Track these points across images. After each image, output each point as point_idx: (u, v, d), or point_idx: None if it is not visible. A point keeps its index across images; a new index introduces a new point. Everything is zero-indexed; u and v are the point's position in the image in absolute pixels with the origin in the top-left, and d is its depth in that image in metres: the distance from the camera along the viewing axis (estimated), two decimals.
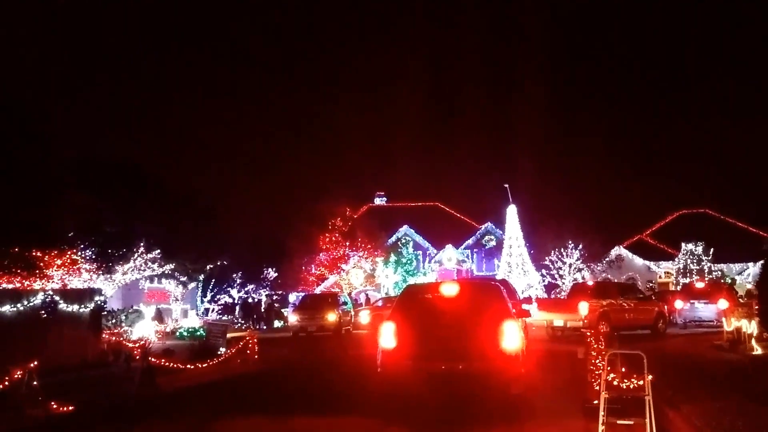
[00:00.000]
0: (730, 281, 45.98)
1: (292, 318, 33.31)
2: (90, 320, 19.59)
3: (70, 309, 18.80)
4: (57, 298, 18.46)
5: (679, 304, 30.19)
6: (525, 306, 24.15)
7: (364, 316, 36.74)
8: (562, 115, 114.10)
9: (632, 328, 25.89)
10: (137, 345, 19.14)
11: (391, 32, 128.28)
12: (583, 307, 23.66)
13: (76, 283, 26.54)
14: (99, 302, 20.23)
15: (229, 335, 23.27)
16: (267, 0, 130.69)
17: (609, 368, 8.88)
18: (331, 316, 31.92)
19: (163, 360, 16.46)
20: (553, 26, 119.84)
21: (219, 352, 19.71)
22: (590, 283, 32.16)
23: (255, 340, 19.96)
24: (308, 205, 50.39)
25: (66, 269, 24.31)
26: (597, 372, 10.89)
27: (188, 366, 17.12)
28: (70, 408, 12.11)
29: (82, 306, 19.22)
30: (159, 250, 30.87)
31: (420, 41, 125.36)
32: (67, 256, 24.09)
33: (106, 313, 27.84)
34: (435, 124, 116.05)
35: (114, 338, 22.10)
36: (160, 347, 23.25)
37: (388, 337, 11.57)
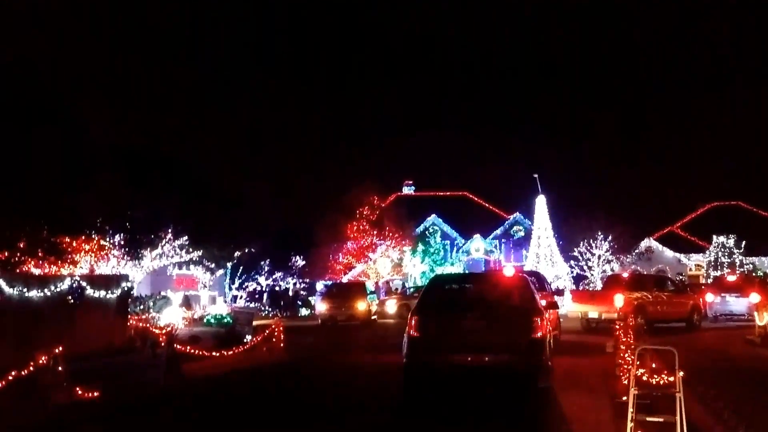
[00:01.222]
0: (762, 275, 45.29)
1: (321, 306, 32.97)
2: (117, 306, 19.70)
3: (97, 295, 18.91)
4: (84, 283, 18.56)
5: (710, 297, 29.78)
6: (557, 298, 24.02)
7: (391, 306, 36.63)
8: (594, 105, 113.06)
9: (667, 320, 25.61)
10: (164, 331, 19.20)
11: (421, 18, 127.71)
12: (619, 299, 23.36)
13: (104, 269, 26.72)
14: (126, 288, 20.32)
15: (255, 323, 23.30)
16: None
17: (638, 363, 8.67)
18: (361, 305, 31.77)
19: (188, 347, 16.45)
20: (585, 10, 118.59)
21: (245, 340, 19.70)
22: (625, 275, 31.70)
23: (281, 328, 19.86)
24: (337, 193, 50.34)
25: (94, 255, 24.45)
26: (626, 366, 10.72)
27: (214, 354, 17.09)
28: (95, 394, 12.12)
29: (109, 292, 19.33)
30: (187, 237, 30.98)
31: (451, 26, 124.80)
32: (95, 241, 24.21)
33: (133, 298, 28.00)
34: (465, 113, 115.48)
35: (141, 324, 22.15)
36: (186, 334, 23.29)
37: (413, 327, 11.34)
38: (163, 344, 14.77)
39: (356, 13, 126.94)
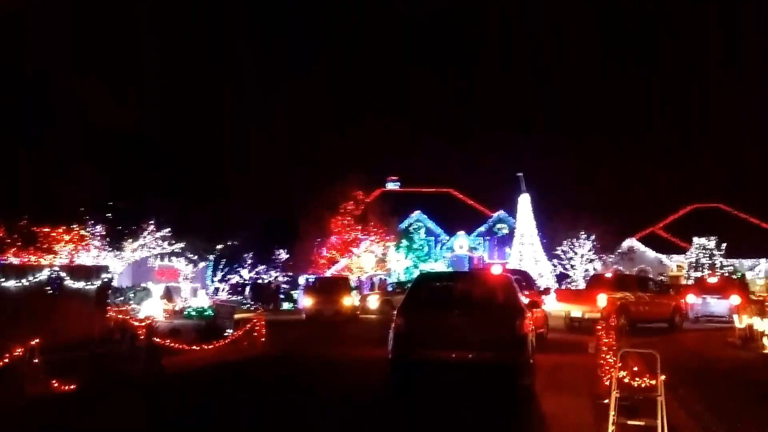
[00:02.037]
0: (740, 277, 45.55)
1: (306, 301, 32.42)
2: (96, 297, 19.45)
3: (76, 286, 18.66)
4: (63, 274, 18.31)
5: (691, 298, 29.88)
6: (543, 297, 24.07)
7: (373, 301, 36.50)
8: (578, 105, 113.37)
9: (649, 321, 25.74)
10: (144, 323, 19.02)
11: (407, 15, 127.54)
12: (602, 299, 23.42)
13: (85, 259, 26.45)
14: (106, 279, 20.08)
15: (237, 316, 23.16)
16: None
17: (620, 365, 8.63)
18: (347, 301, 31.50)
19: (167, 340, 16.27)
20: (571, 13, 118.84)
21: (226, 334, 19.53)
22: (609, 275, 31.78)
23: (263, 322, 19.70)
24: (321, 187, 50.01)
25: (74, 245, 24.19)
26: (608, 368, 10.70)
27: (194, 347, 16.91)
28: (72, 387, 11.96)
29: (89, 283, 19.08)
30: (169, 229, 30.71)
31: (437, 24, 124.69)
32: (76, 232, 23.95)
33: (114, 290, 27.73)
34: (450, 110, 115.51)
35: (120, 316, 21.95)
36: (167, 326, 23.08)
37: (400, 323, 11.57)
38: (142, 337, 14.55)
39: (343, 11, 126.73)
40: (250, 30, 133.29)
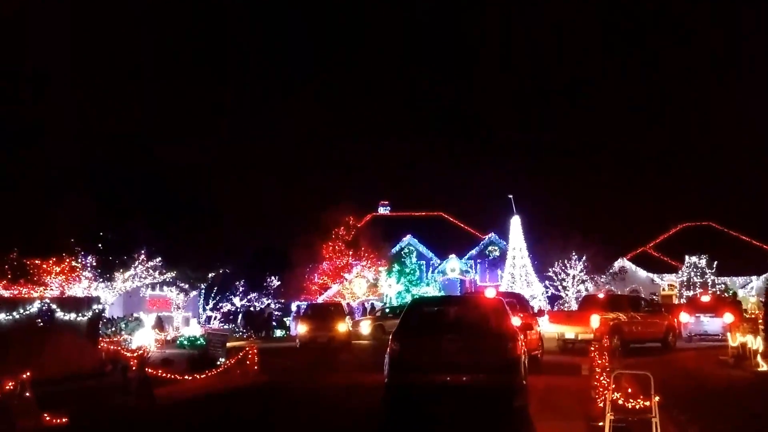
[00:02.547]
0: (732, 294, 45.62)
1: (301, 328, 31.31)
2: (88, 329, 19.32)
3: (67, 317, 18.54)
4: (54, 306, 18.21)
5: (684, 317, 29.88)
6: (538, 319, 24.08)
7: (365, 327, 36.38)
8: (567, 127, 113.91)
9: (642, 341, 25.62)
10: (135, 354, 18.91)
11: (395, 40, 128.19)
12: (595, 320, 23.39)
13: (76, 290, 26.36)
14: (97, 310, 19.98)
15: (229, 344, 23.03)
16: (275, 7, 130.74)
17: (614, 387, 8.62)
18: (342, 327, 30.61)
19: (160, 370, 16.22)
20: (557, 32, 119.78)
21: (219, 363, 19.44)
22: (601, 295, 31.76)
23: (255, 350, 19.63)
24: (312, 213, 50.04)
25: (65, 277, 24.10)
26: (601, 389, 10.69)
27: (186, 377, 16.84)
28: (64, 420, 11.86)
29: (80, 314, 18.95)
30: (160, 258, 30.65)
31: (424, 48, 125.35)
32: (66, 263, 23.88)
33: (105, 321, 27.59)
34: (440, 134, 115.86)
35: (112, 347, 21.80)
36: (159, 356, 22.98)
37: (395, 348, 11.80)
38: (134, 368, 14.48)
39: (331, 30, 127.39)
40: (235, 53, 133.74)
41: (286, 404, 14.67)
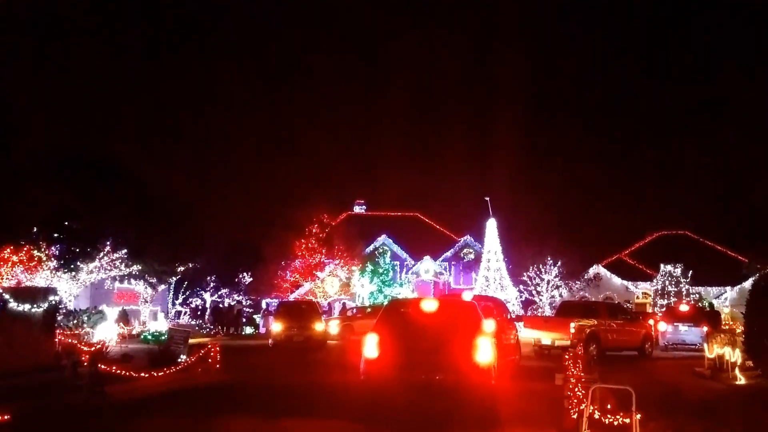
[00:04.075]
0: (707, 304, 45.38)
1: (276, 326, 29.07)
2: (43, 321, 18.54)
3: (21, 308, 17.77)
4: (7, 296, 17.43)
5: (662, 326, 29.54)
6: (517, 324, 23.76)
7: (333, 326, 35.68)
8: (545, 133, 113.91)
9: (620, 349, 25.34)
10: (93, 348, 18.19)
11: (374, 41, 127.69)
12: (572, 327, 22.95)
13: (39, 281, 25.51)
14: (53, 302, 19.17)
15: (194, 341, 22.30)
16: (250, 7, 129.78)
17: (590, 402, 8.04)
18: (319, 326, 29.21)
19: (114, 367, 15.46)
20: (536, 38, 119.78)
21: (179, 360, 18.73)
22: (578, 301, 31.37)
23: (218, 348, 18.90)
24: (286, 210, 49.26)
25: (23, 266, 23.21)
26: (575, 400, 10.16)
27: (143, 374, 16.06)
28: (6, 417, 11.11)
29: (35, 306, 18.16)
30: (126, 250, 29.75)
31: (404, 51, 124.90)
32: (24, 251, 23.00)
33: (67, 313, 26.81)
34: (417, 134, 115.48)
35: (69, 340, 20.99)
36: (118, 352, 22.26)
37: (371, 347, 12.27)
38: (85, 363, 13.70)
39: (313, 31, 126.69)
40: (217, 51, 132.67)
41: (242, 403, 14.03)
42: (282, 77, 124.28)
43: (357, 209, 63.73)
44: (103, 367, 14.22)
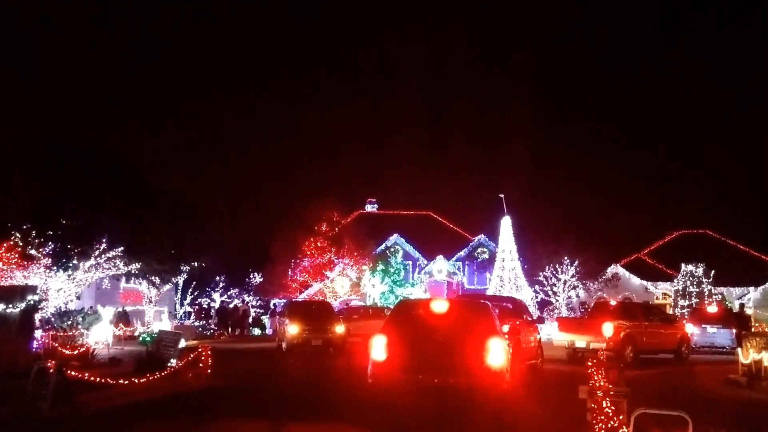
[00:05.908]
0: (730, 305, 43.74)
1: (292, 329, 26.48)
2: (20, 322, 17.18)
3: None
4: None
5: (690, 328, 28.08)
6: (539, 326, 22.70)
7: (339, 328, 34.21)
8: (561, 129, 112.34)
9: (656, 351, 24.37)
10: (76, 352, 16.89)
11: (387, 40, 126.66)
12: (608, 329, 21.63)
13: (33, 279, 24.33)
14: (32, 301, 17.81)
15: (194, 343, 20.97)
16: (263, 7, 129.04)
17: (631, 428, 6.51)
18: (340, 329, 27.08)
19: (89, 373, 14.06)
20: (552, 40, 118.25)
21: (168, 364, 17.31)
22: (614, 302, 29.97)
23: (209, 351, 17.45)
24: (297, 209, 47.92)
25: (4, 263, 21.92)
26: (602, 417, 8.71)
27: (121, 381, 14.59)
28: None
29: (10, 306, 16.81)
30: (122, 248, 28.37)
31: (418, 50, 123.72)
32: (7, 246, 21.73)
33: (60, 314, 25.69)
34: (431, 133, 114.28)
35: (52, 342, 19.66)
36: (106, 355, 20.95)
37: (379, 349, 11.97)
38: (51, 370, 12.29)
39: (324, 31, 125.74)
40: (229, 50, 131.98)
41: (228, 411, 12.70)
42: (293, 76, 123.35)
43: (369, 208, 62.59)
44: (73, 373, 12.83)
